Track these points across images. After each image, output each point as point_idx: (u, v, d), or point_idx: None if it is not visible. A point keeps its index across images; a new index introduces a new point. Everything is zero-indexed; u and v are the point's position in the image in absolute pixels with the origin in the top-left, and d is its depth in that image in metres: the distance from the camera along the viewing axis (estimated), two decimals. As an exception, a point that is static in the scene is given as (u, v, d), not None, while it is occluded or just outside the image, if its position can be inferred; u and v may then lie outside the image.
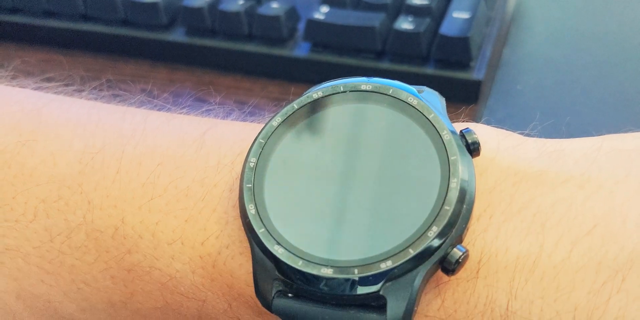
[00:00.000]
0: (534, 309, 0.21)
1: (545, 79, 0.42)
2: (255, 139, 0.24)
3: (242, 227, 0.23)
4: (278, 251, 0.21)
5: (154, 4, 0.46)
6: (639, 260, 0.20)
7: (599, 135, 0.24)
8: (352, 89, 0.24)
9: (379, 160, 0.22)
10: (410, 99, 0.23)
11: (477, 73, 0.41)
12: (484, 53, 0.42)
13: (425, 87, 0.24)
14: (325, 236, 0.21)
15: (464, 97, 0.41)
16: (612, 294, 0.20)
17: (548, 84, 0.42)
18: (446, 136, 0.22)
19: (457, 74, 0.41)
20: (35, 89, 0.30)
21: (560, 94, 0.41)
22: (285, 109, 0.24)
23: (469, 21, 0.41)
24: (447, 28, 0.41)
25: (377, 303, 0.21)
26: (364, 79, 0.24)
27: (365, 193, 0.22)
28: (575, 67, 0.43)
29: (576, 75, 0.42)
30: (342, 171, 0.22)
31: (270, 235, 0.22)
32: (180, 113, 0.29)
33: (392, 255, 0.20)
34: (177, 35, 0.47)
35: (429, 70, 0.41)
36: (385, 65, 0.42)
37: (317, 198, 0.22)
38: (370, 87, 0.23)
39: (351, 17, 0.42)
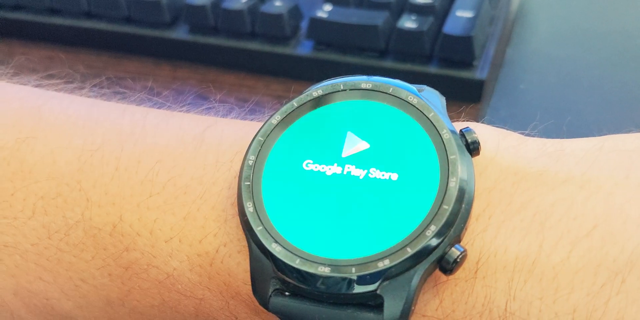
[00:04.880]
0: (532, 310, 0.21)
1: (548, 78, 0.42)
2: (255, 137, 0.24)
3: (240, 225, 0.23)
4: (275, 249, 0.21)
5: (157, 2, 0.46)
6: (639, 262, 0.20)
7: (600, 135, 0.24)
8: (352, 88, 0.24)
9: (377, 159, 0.22)
10: (410, 98, 0.23)
11: (480, 72, 0.40)
12: (487, 52, 0.42)
13: (425, 86, 0.24)
14: (323, 234, 0.21)
15: (467, 96, 0.41)
16: (611, 295, 0.20)
17: (551, 84, 0.41)
18: (446, 135, 0.22)
19: (460, 73, 0.41)
20: (36, 86, 0.30)
21: (563, 93, 0.41)
22: (285, 107, 0.24)
23: (473, 20, 0.41)
24: (451, 27, 0.41)
25: (374, 302, 0.21)
26: (364, 77, 0.24)
27: (363, 191, 0.22)
28: (579, 67, 0.43)
29: (580, 74, 0.42)
30: (341, 169, 0.22)
31: (268, 233, 0.22)
32: (181, 111, 0.29)
33: (390, 254, 0.20)
34: (180, 33, 0.47)
35: (432, 69, 0.41)
36: (388, 64, 0.42)
37: (315, 196, 0.22)
38: (370, 85, 0.23)
39: (354, 16, 0.42)
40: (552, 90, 0.41)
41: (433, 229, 0.20)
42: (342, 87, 0.24)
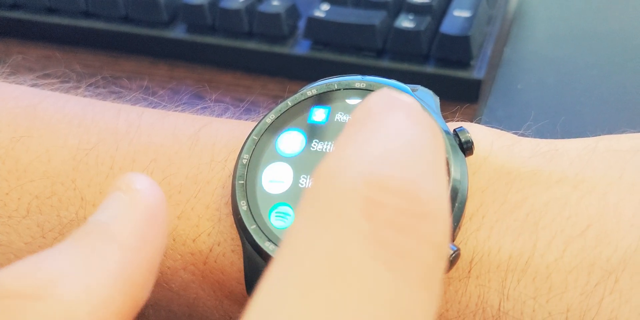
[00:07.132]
0: (526, 310, 0.21)
1: (546, 78, 0.42)
2: (249, 136, 0.24)
3: (234, 224, 0.23)
4: (269, 248, 0.21)
5: (155, 1, 0.46)
6: (632, 261, 0.20)
7: (595, 136, 0.24)
8: (346, 87, 0.24)
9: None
10: (404, 97, 0.23)
11: (477, 72, 0.40)
12: (484, 52, 0.42)
13: (419, 86, 0.24)
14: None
15: (464, 96, 0.41)
16: (604, 295, 0.20)
17: (549, 84, 0.41)
18: (439, 135, 0.22)
19: (458, 72, 0.41)
20: (32, 85, 0.30)
21: (561, 93, 0.41)
22: (279, 106, 0.24)
23: (470, 20, 0.41)
24: (448, 26, 0.41)
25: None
26: (359, 77, 0.24)
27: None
28: (577, 67, 0.43)
29: (577, 75, 0.42)
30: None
31: (262, 231, 0.22)
32: (176, 110, 0.29)
33: None
34: (178, 33, 0.47)
35: (429, 68, 0.41)
36: (385, 63, 0.42)
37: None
38: (364, 85, 0.23)
39: (352, 15, 0.42)
40: (550, 90, 0.41)
41: (426, 228, 0.20)
42: (336, 87, 0.24)
